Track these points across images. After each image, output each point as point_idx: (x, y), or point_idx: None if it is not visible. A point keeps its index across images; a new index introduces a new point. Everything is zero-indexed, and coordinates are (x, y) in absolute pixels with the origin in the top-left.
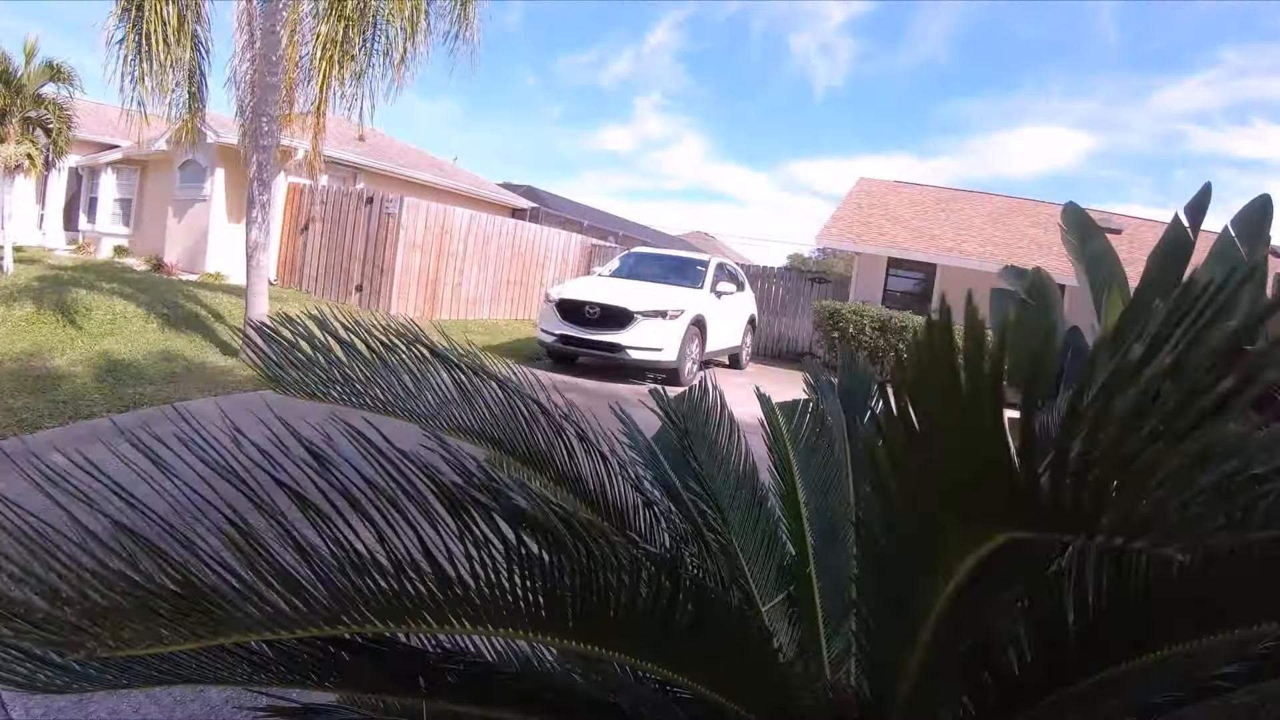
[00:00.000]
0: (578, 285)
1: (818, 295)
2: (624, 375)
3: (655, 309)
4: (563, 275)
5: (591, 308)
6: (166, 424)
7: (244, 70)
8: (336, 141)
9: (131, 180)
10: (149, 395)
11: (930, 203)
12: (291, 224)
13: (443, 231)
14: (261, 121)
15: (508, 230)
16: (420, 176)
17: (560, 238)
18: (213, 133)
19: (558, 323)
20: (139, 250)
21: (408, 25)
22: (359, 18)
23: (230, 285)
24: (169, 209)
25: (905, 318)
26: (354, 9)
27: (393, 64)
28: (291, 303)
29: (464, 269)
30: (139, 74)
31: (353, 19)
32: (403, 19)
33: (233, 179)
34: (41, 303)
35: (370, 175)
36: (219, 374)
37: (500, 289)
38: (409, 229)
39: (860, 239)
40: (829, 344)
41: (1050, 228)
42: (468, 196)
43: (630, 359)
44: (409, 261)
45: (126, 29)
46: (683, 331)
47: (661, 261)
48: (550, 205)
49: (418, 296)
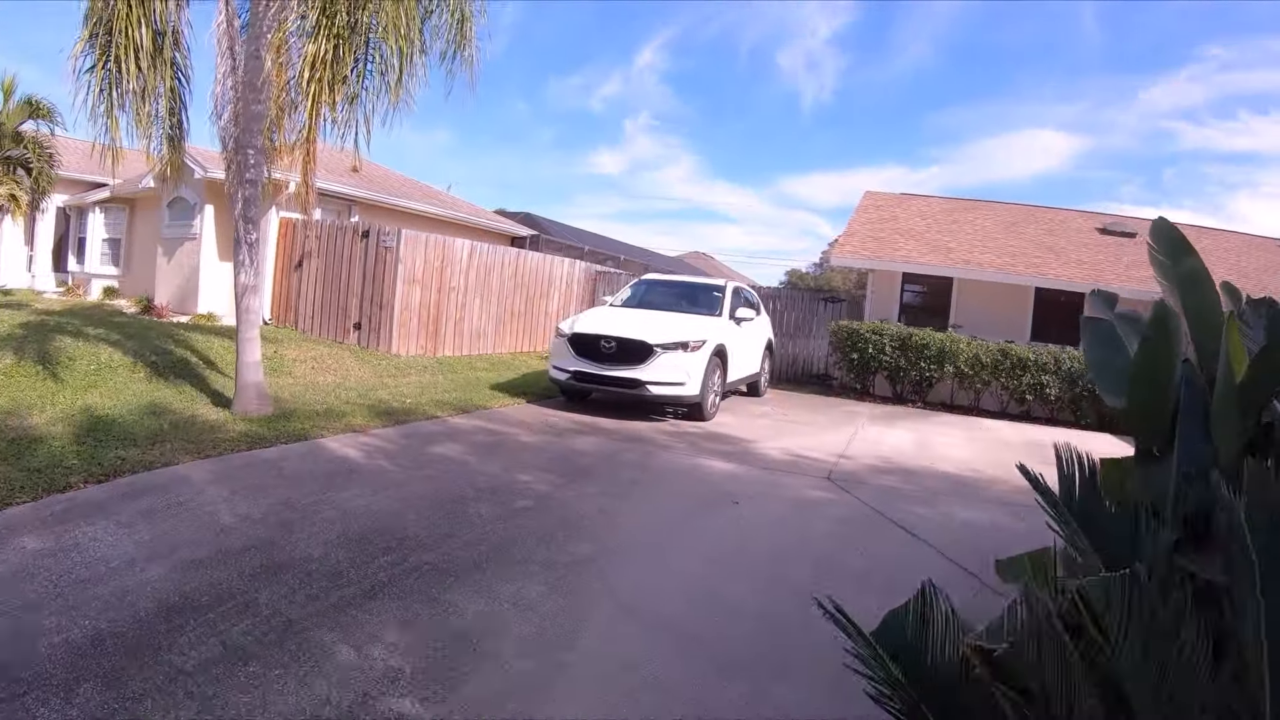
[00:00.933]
0: (590, 318)
1: (831, 315)
2: (643, 411)
3: (675, 341)
4: (567, 304)
5: (607, 342)
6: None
7: (226, 98)
8: (329, 173)
9: (120, 219)
10: (132, 460)
11: (939, 214)
12: (285, 260)
13: (443, 264)
14: (247, 154)
15: (510, 260)
16: (417, 207)
17: (563, 265)
18: (199, 168)
19: (571, 358)
20: (129, 291)
21: (403, 43)
22: (350, 35)
23: (223, 327)
24: (158, 248)
25: (926, 334)
26: (345, 25)
27: (389, 85)
28: (287, 345)
29: (466, 302)
30: (109, 104)
31: (343, 36)
32: (398, 35)
33: (223, 216)
34: (23, 352)
35: (365, 207)
36: (210, 430)
37: (504, 321)
38: (407, 262)
39: (875, 255)
40: (848, 365)
41: (1063, 233)
42: (466, 226)
43: (650, 395)
44: (409, 296)
45: (96, 55)
46: (705, 363)
47: (675, 288)
48: (550, 232)
49: (419, 333)
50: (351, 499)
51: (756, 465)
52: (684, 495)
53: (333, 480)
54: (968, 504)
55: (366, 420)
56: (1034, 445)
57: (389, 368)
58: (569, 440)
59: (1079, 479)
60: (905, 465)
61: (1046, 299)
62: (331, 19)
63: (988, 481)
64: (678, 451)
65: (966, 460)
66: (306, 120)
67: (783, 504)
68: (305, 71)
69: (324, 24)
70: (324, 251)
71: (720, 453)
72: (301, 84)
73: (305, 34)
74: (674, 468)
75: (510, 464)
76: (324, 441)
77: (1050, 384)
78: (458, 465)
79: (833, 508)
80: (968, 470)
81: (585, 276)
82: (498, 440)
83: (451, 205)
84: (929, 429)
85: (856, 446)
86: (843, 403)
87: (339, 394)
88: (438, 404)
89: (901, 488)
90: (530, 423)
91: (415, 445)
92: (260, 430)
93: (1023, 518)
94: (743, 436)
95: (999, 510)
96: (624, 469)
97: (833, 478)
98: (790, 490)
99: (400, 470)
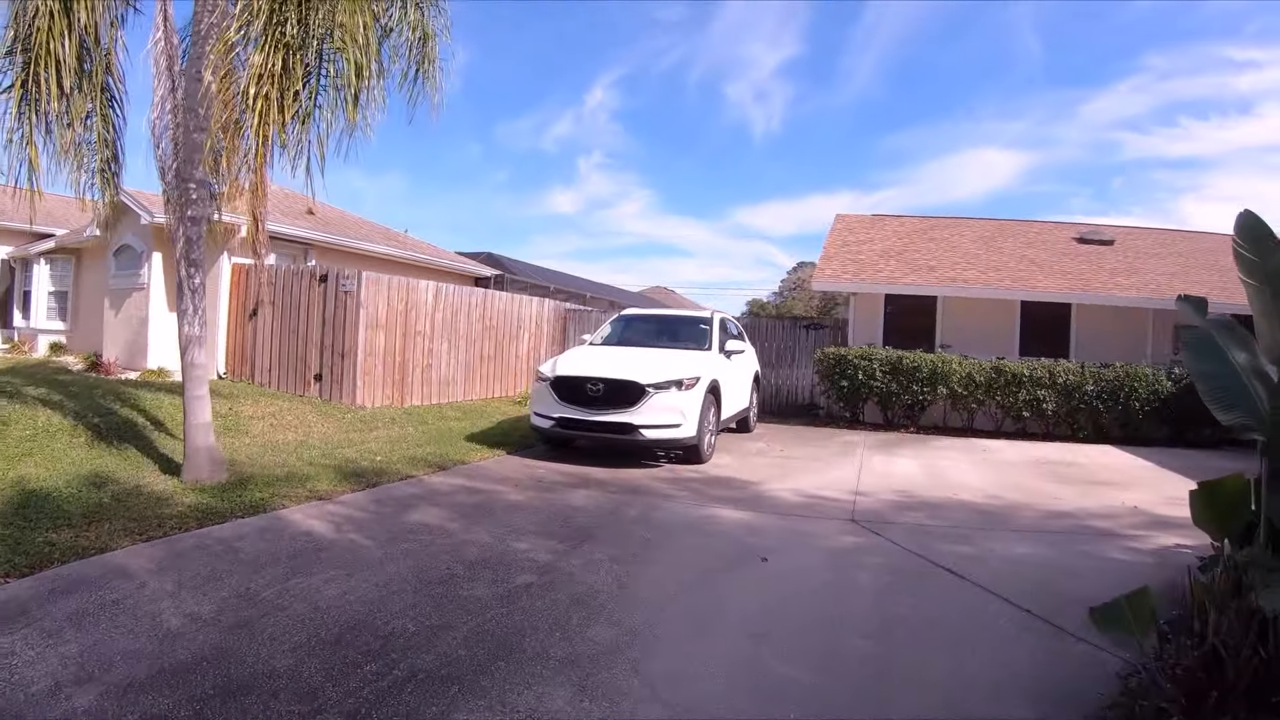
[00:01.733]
0: (573, 359)
1: (814, 342)
2: (634, 457)
3: (668, 379)
4: (538, 345)
5: (594, 384)
6: (81, 593)
7: (165, 124)
8: (284, 216)
9: (66, 271)
10: (64, 545)
11: (914, 233)
12: (240, 309)
13: (407, 307)
14: (188, 188)
15: (477, 301)
16: (377, 250)
17: (532, 305)
18: (146, 212)
19: (555, 404)
20: (76, 347)
21: (360, 54)
22: (301, 46)
23: (173, 383)
24: (105, 300)
25: (918, 356)
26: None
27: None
28: (244, 400)
29: (433, 347)
30: (28, 128)
31: (293, 46)
32: (355, 46)
33: (171, 263)
34: None
35: (323, 251)
36: (156, 504)
37: (473, 366)
38: (369, 307)
39: (858, 277)
40: (837, 393)
41: (1042, 245)
42: (428, 268)
43: (644, 440)
44: (372, 343)
45: (15, 75)
46: (701, 402)
47: (658, 323)
48: (513, 271)
49: (384, 382)
50: (322, 586)
51: (772, 511)
52: (703, 554)
53: (298, 562)
54: (1004, 538)
55: (333, 484)
56: (1041, 465)
57: (354, 421)
58: (561, 496)
59: None
60: (924, 498)
61: (1032, 312)
62: (280, 26)
63: (1010, 509)
64: (683, 501)
65: (982, 487)
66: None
67: (814, 555)
68: (250, 87)
69: (271, 33)
70: (280, 298)
71: (729, 499)
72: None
73: (251, 42)
74: (684, 521)
75: (501, 529)
76: (286, 513)
77: (1047, 399)
78: (441, 535)
79: (868, 555)
80: (987, 498)
81: (555, 315)
82: (482, 501)
83: (412, 246)
84: (932, 455)
85: (868, 481)
86: (835, 433)
87: (301, 454)
88: (411, 461)
89: (930, 524)
90: (515, 477)
91: (390, 512)
92: (213, 502)
93: (1059, 546)
94: (747, 479)
95: (1038, 543)
96: (630, 527)
97: (856, 518)
98: (817, 538)
99: (376, 545)
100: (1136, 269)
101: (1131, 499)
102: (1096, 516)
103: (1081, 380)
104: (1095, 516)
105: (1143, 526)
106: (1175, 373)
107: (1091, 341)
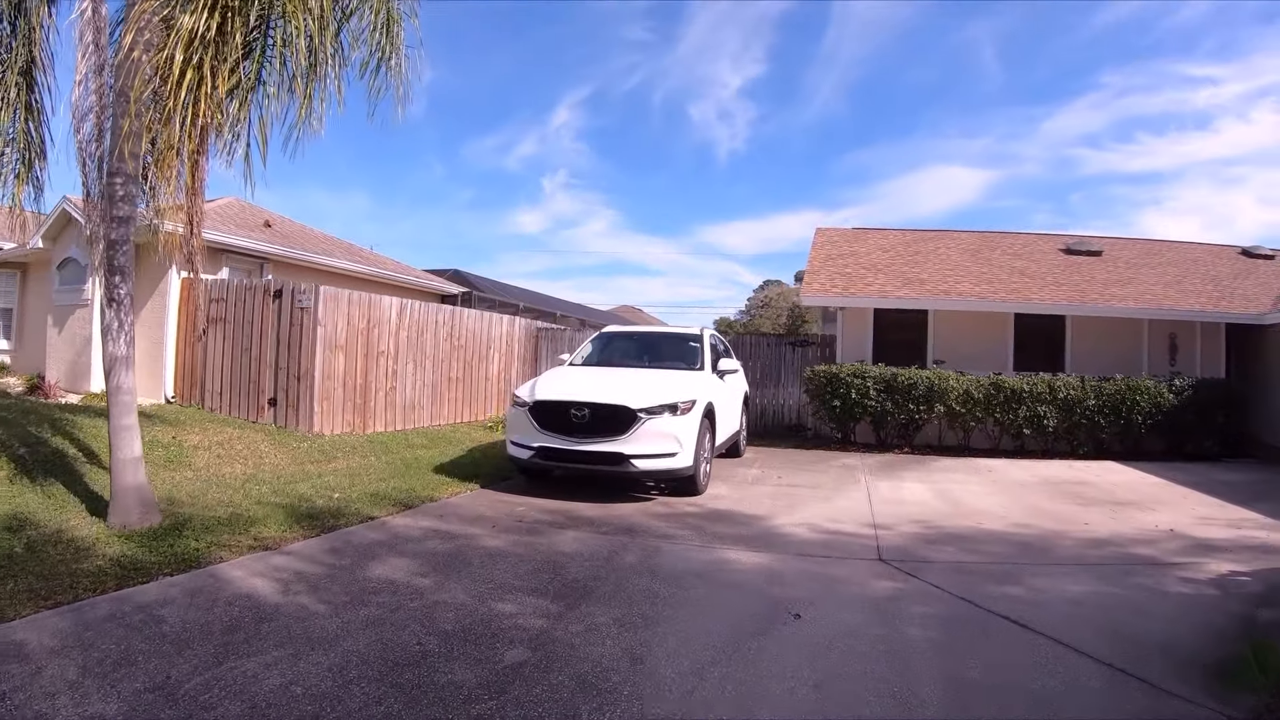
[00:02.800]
0: (553, 382)
1: (801, 360)
2: (621, 489)
3: (662, 403)
4: (509, 366)
5: (578, 409)
6: None
7: (89, 105)
8: (239, 228)
9: (11, 286)
10: None
11: (900, 247)
12: (189, 327)
13: (369, 325)
14: (115, 183)
15: (444, 319)
16: (339, 265)
17: (502, 324)
18: (87, 219)
19: (534, 432)
20: (20, 367)
21: (314, 24)
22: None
23: None
24: (49, 318)
25: (913, 373)
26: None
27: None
28: (190, 428)
29: (397, 369)
30: None
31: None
32: (308, 14)
33: None
34: None
35: (281, 266)
36: (74, 556)
37: (441, 389)
38: (328, 325)
39: (846, 291)
40: (829, 413)
41: (1030, 256)
42: (394, 285)
43: (635, 471)
44: (331, 364)
45: None
46: (697, 427)
47: (644, 340)
48: (481, 288)
49: (344, 407)
50: (261, 673)
51: (788, 551)
52: (724, 611)
53: (234, 638)
54: (1051, 574)
55: (282, 528)
56: (1053, 485)
57: (311, 451)
58: (547, 539)
59: None
60: (948, 529)
61: (1026, 325)
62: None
63: (1044, 539)
64: (685, 542)
65: (1004, 514)
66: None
67: (851, 608)
68: (178, 54)
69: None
70: (231, 316)
71: (737, 539)
72: (173, 71)
73: (184, 3)
74: (692, 568)
75: (481, 586)
76: (224, 569)
77: (1048, 415)
78: (409, 595)
79: (911, 604)
80: (1014, 526)
81: (526, 335)
82: (457, 548)
83: (377, 263)
84: (938, 478)
85: (881, 510)
86: (829, 455)
87: (249, 490)
88: (373, 498)
89: (967, 561)
90: (492, 516)
91: (349, 566)
92: (139, 553)
93: (1113, 581)
94: (750, 512)
95: (1089, 578)
96: (631, 578)
97: (885, 558)
98: (848, 585)
99: (331, 611)
100: (1129, 279)
101: (1162, 521)
102: (1135, 543)
103: (1083, 395)
104: (1134, 543)
105: (1187, 552)
106: (1176, 384)
107: (1086, 354)
